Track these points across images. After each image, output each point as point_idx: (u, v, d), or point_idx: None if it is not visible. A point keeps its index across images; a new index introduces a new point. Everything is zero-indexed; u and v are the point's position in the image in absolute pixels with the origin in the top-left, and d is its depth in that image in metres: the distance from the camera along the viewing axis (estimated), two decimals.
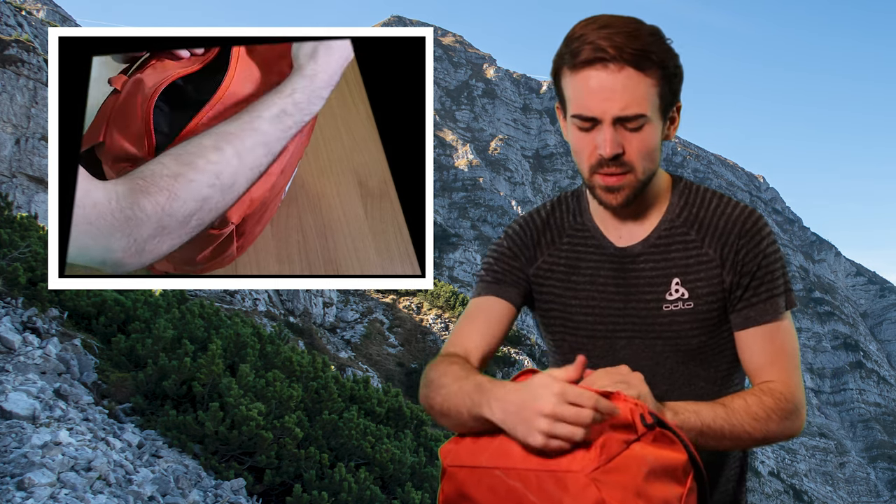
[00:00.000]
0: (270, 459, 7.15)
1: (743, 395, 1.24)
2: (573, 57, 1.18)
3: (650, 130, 1.21)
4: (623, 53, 1.15)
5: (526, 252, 1.40)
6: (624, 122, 1.19)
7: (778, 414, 1.22)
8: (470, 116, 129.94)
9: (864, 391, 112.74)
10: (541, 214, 1.43)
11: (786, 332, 1.29)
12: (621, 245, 1.33)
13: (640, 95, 1.17)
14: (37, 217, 18.12)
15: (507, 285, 1.39)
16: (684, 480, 1.04)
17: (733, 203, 1.32)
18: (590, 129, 1.21)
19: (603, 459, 0.98)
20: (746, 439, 1.20)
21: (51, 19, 57.40)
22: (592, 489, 0.97)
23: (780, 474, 79.92)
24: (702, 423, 1.17)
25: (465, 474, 1.07)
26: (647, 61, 1.16)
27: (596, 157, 1.22)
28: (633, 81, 1.16)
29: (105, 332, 9.17)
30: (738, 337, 1.30)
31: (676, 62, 1.22)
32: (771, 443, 1.26)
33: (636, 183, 1.24)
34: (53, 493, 4.35)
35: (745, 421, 1.20)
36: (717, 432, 1.18)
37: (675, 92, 1.24)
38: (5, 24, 31.95)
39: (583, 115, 1.20)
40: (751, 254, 1.27)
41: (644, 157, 1.23)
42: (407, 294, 51.59)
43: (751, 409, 1.21)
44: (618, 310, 1.32)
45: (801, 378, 1.30)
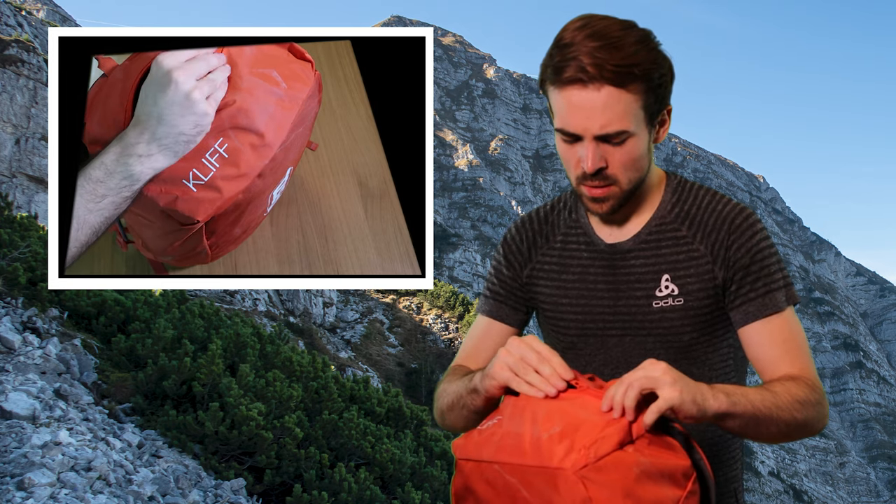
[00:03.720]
0: (270, 459, 7.15)
1: (781, 381, 1.19)
2: (555, 73, 1.18)
3: (633, 143, 1.21)
4: (603, 72, 1.14)
5: (520, 257, 1.42)
6: (606, 139, 1.19)
7: (814, 398, 1.18)
8: (470, 116, 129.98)
9: (864, 391, 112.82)
10: (539, 213, 1.44)
11: (792, 323, 1.26)
12: (611, 241, 1.33)
13: (621, 112, 1.17)
14: (37, 217, 18.12)
15: (507, 307, 1.43)
16: (684, 484, 1.04)
17: (725, 200, 1.31)
18: (573, 143, 1.22)
19: (592, 458, 0.98)
20: (792, 425, 1.15)
21: (51, 19, 57.41)
22: (580, 487, 0.97)
23: (780, 474, 79.94)
24: (754, 407, 1.11)
25: (470, 468, 1.09)
26: (629, 76, 1.15)
27: (580, 169, 1.22)
28: (614, 99, 1.16)
29: (105, 332, 9.18)
30: (742, 335, 1.28)
31: (663, 70, 1.19)
32: (806, 434, 1.20)
33: (621, 193, 1.25)
34: (53, 493, 4.35)
35: (793, 405, 1.15)
36: (767, 416, 1.13)
37: (663, 99, 1.22)
38: (5, 24, 31.96)
39: (564, 131, 1.21)
40: (742, 249, 1.26)
41: (628, 169, 1.23)
42: (407, 294, 51.59)
43: (792, 392, 1.17)
44: (608, 307, 1.32)
45: (815, 367, 1.27)
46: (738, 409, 1.09)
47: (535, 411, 1.06)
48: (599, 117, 1.17)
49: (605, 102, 1.16)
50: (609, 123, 1.17)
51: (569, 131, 1.20)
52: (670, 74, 1.22)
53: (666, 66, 1.20)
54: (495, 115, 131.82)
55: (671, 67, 1.22)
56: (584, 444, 0.99)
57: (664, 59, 1.20)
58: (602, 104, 1.16)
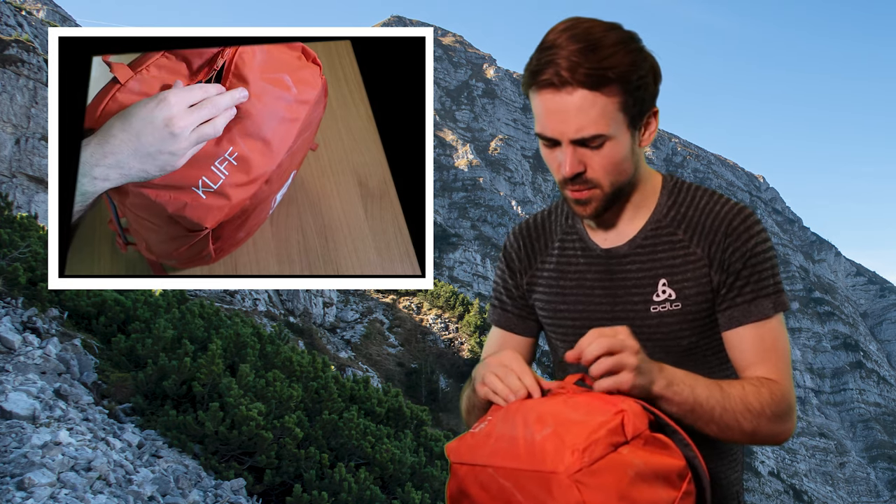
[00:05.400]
0: (270, 459, 7.15)
1: (741, 383, 1.19)
2: (531, 77, 1.18)
3: (612, 146, 1.19)
4: (576, 75, 1.13)
5: (520, 265, 1.43)
6: (582, 143, 1.19)
7: (771, 410, 1.17)
8: (470, 116, 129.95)
9: (864, 391, 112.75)
10: (536, 220, 1.45)
11: (775, 331, 1.25)
12: (607, 246, 1.32)
13: (597, 115, 1.15)
14: (37, 217, 18.12)
15: (514, 317, 1.44)
16: (679, 484, 1.03)
17: (724, 200, 1.29)
18: (552, 147, 1.22)
19: (586, 462, 0.97)
20: (735, 429, 1.15)
21: (51, 19, 57.40)
22: (574, 491, 0.97)
23: (780, 474, 79.92)
24: (694, 399, 1.13)
25: (465, 471, 1.09)
26: (603, 79, 1.14)
27: (561, 173, 1.22)
28: (588, 102, 1.15)
29: (105, 332, 9.17)
30: (725, 338, 1.27)
31: (643, 72, 1.17)
32: (756, 443, 1.20)
33: (603, 196, 1.24)
34: (53, 493, 4.34)
35: (739, 409, 1.15)
36: (707, 414, 1.14)
37: (644, 101, 1.20)
38: (5, 24, 31.95)
39: (543, 135, 1.21)
40: (738, 252, 1.24)
41: (609, 173, 1.22)
42: (407, 294, 51.57)
43: (746, 398, 1.16)
44: (606, 312, 1.31)
45: (792, 380, 1.26)
46: (676, 398, 1.12)
47: (527, 414, 1.06)
48: (574, 121, 1.16)
49: (580, 106, 1.15)
50: (584, 127, 1.16)
51: (546, 135, 1.20)
52: (652, 76, 1.20)
53: (646, 68, 1.18)
54: (495, 115, 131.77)
55: (655, 69, 1.20)
56: (577, 448, 0.98)
57: (644, 61, 1.18)
58: (576, 108, 1.15)
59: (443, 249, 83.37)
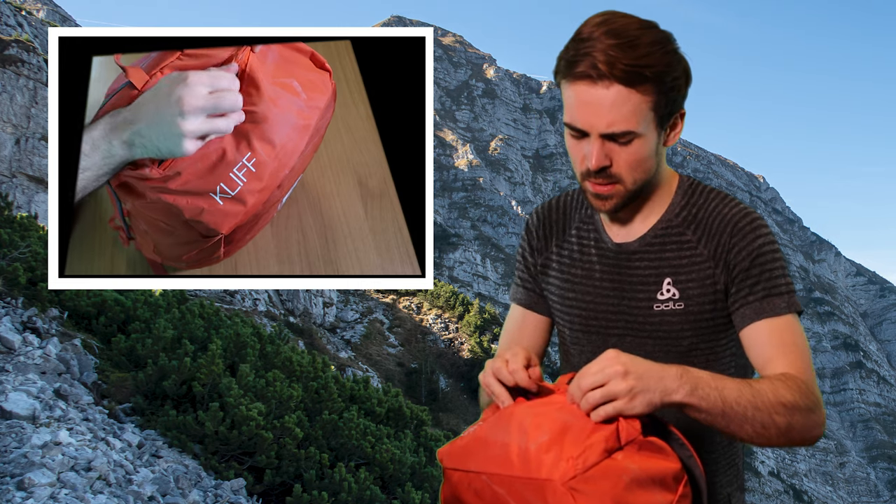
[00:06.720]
0: (270, 459, 7.15)
1: (768, 378, 1.13)
2: (567, 67, 1.18)
3: (640, 144, 1.20)
4: (614, 70, 1.13)
5: (539, 244, 1.45)
6: (612, 138, 1.19)
7: (804, 403, 1.11)
8: (470, 116, 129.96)
9: (864, 391, 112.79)
10: (560, 202, 1.45)
11: (792, 327, 1.22)
12: (618, 241, 1.33)
13: (629, 112, 1.16)
14: (37, 217, 18.13)
15: (535, 295, 1.45)
16: (675, 488, 1.02)
17: (733, 203, 1.30)
18: (580, 139, 1.22)
19: (580, 468, 0.97)
20: (770, 427, 1.09)
21: (51, 19, 57.41)
22: (569, 498, 0.96)
23: (780, 474, 79.93)
24: (724, 402, 1.06)
25: (458, 477, 1.08)
26: (640, 77, 1.14)
27: (585, 165, 1.22)
28: (623, 98, 1.15)
29: (105, 332, 9.18)
30: (742, 337, 1.25)
31: (677, 73, 1.18)
32: (792, 442, 1.12)
33: (625, 193, 1.24)
34: (53, 493, 4.35)
35: (773, 405, 1.09)
36: (740, 415, 1.07)
37: (675, 101, 1.21)
38: (5, 24, 31.96)
39: (572, 126, 1.21)
40: (743, 252, 1.24)
41: (633, 170, 1.22)
42: (407, 294, 51.59)
43: (778, 392, 1.10)
44: (612, 306, 1.32)
45: (815, 376, 1.21)
46: (703, 404, 1.06)
47: (522, 419, 1.05)
48: (606, 115, 1.16)
49: (614, 101, 1.15)
50: (616, 122, 1.17)
51: (576, 126, 1.20)
52: (685, 78, 1.21)
53: (680, 70, 1.19)
54: (495, 115, 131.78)
55: (687, 71, 1.21)
56: (572, 454, 0.98)
57: (679, 63, 1.19)
58: (610, 102, 1.15)
59: (443, 249, 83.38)
